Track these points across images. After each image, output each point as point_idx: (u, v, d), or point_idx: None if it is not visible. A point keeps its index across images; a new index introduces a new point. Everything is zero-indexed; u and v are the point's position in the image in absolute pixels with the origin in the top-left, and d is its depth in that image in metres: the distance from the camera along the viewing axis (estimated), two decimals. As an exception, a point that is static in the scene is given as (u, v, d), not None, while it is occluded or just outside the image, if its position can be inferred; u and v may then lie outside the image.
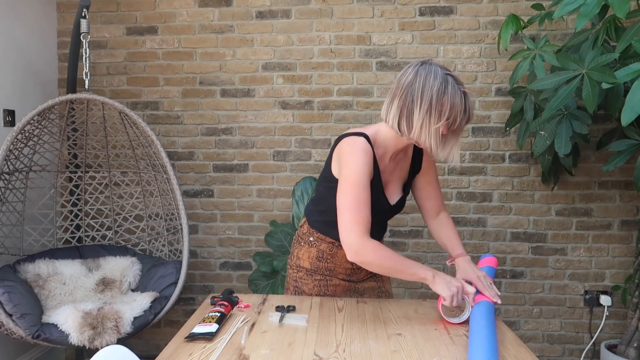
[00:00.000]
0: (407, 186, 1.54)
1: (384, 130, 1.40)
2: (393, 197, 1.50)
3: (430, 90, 1.25)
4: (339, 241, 1.38)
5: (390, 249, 1.32)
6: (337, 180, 1.38)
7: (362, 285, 1.61)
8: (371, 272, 1.62)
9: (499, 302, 1.33)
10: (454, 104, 1.26)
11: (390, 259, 1.29)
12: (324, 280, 1.56)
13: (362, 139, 1.37)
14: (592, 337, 2.65)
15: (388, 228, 2.69)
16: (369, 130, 1.42)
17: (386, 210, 1.48)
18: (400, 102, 1.30)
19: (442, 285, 1.28)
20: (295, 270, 1.60)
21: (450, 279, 1.30)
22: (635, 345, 2.21)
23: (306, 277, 1.57)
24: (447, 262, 1.43)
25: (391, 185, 1.49)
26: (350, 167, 1.33)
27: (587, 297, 2.63)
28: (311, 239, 1.56)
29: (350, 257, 1.30)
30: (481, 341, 1.08)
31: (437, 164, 2.65)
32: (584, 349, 2.65)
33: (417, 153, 1.53)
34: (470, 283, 1.36)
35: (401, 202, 1.52)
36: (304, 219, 1.63)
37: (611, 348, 2.36)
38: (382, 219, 1.53)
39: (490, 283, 1.37)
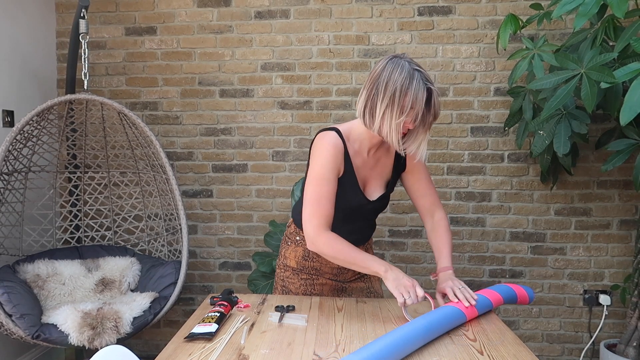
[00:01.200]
0: (391, 184, 1.53)
1: (359, 125, 1.41)
2: (374, 193, 1.48)
3: (394, 84, 1.26)
4: None
5: (347, 242, 1.33)
6: None
7: (350, 285, 1.60)
8: (359, 273, 1.61)
9: (468, 304, 1.28)
10: (416, 100, 1.26)
11: (342, 252, 1.32)
12: (310, 280, 1.56)
13: (332, 133, 1.39)
14: (591, 337, 2.65)
15: (387, 228, 2.70)
16: (343, 125, 1.44)
17: (364, 205, 1.46)
18: (367, 94, 1.32)
19: (392, 283, 1.28)
20: (282, 270, 1.60)
21: (402, 277, 1.29)
22: (635, 344, 2.21)
23: (292, 277, 1.57)
24: (430, 276, 1.40)
25: (372, 182, 1.48)
26: (317, 161, 1.37)
27: (586, 296, 2.63)
28: (297, 238, 1.57)
29: (308, 246, 1.36)
30: (387, 338, 1.04)
31: (436, 164, 2.66)
32: (584, 349, 2.66)
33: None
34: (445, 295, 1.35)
35: (383, 199, 1.50)
36: (291, 219, 1.64)
37: (610, 347, 2.36)
38: (364, 216, 1.51)
39: (462, 288, 1.32)
